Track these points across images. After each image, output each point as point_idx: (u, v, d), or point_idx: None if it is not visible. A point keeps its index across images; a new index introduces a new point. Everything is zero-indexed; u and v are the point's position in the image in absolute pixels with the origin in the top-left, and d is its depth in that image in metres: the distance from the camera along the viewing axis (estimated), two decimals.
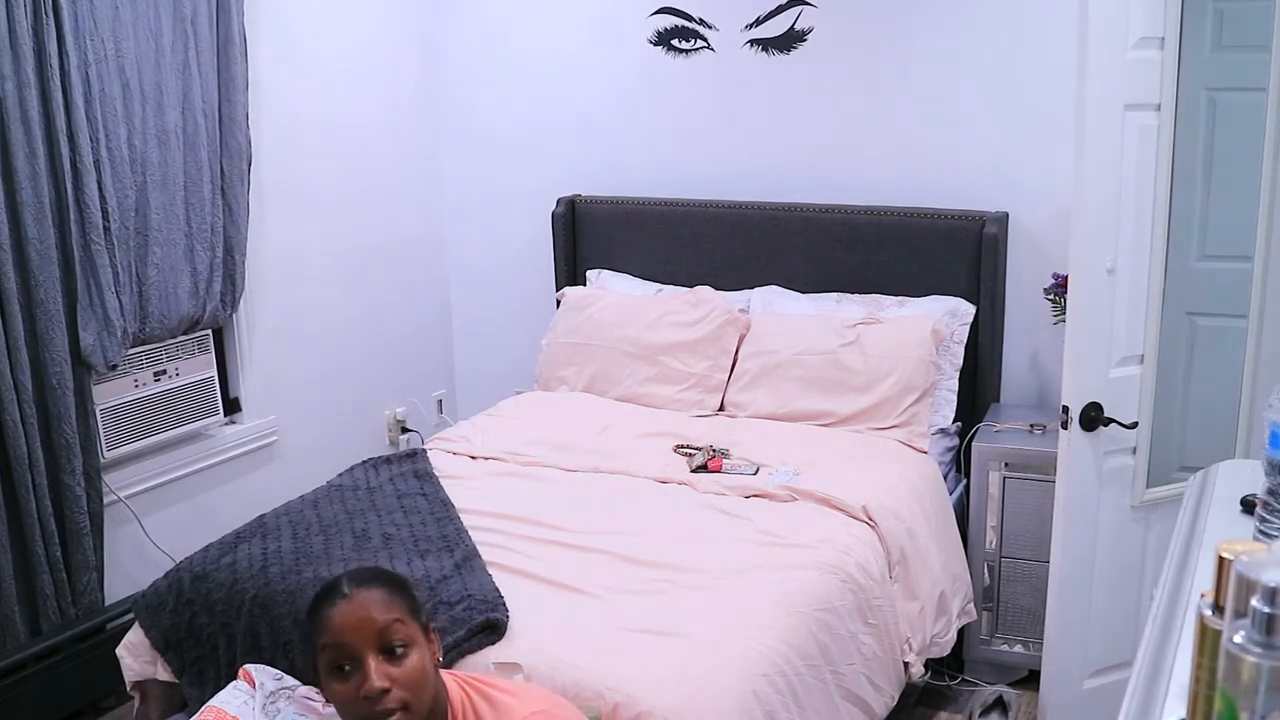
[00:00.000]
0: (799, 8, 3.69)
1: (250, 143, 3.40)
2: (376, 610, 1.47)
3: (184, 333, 3.33)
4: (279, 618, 2.41)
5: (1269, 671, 0.82)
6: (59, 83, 2.81)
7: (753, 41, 3.79)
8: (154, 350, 3.26)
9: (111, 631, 2.94)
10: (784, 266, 3.74)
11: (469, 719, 1.56)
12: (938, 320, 3.39)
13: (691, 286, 3.77)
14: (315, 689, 2.27)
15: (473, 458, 3.21)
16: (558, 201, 4.08)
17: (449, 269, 4.51)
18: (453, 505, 2.83)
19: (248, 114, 3.37)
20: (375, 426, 4.23)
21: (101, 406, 3.09)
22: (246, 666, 2.28)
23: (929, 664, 2.98)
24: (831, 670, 2.37)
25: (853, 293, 3.63)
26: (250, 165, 3.41)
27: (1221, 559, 0.98)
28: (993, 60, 3.47)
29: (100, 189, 2.94)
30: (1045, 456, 3.02)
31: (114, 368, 3.06)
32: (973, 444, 3.25)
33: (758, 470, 3.03)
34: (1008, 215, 3.50)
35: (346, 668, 1.46)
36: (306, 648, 1.48)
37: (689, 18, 3.87)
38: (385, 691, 1.44)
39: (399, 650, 1.47)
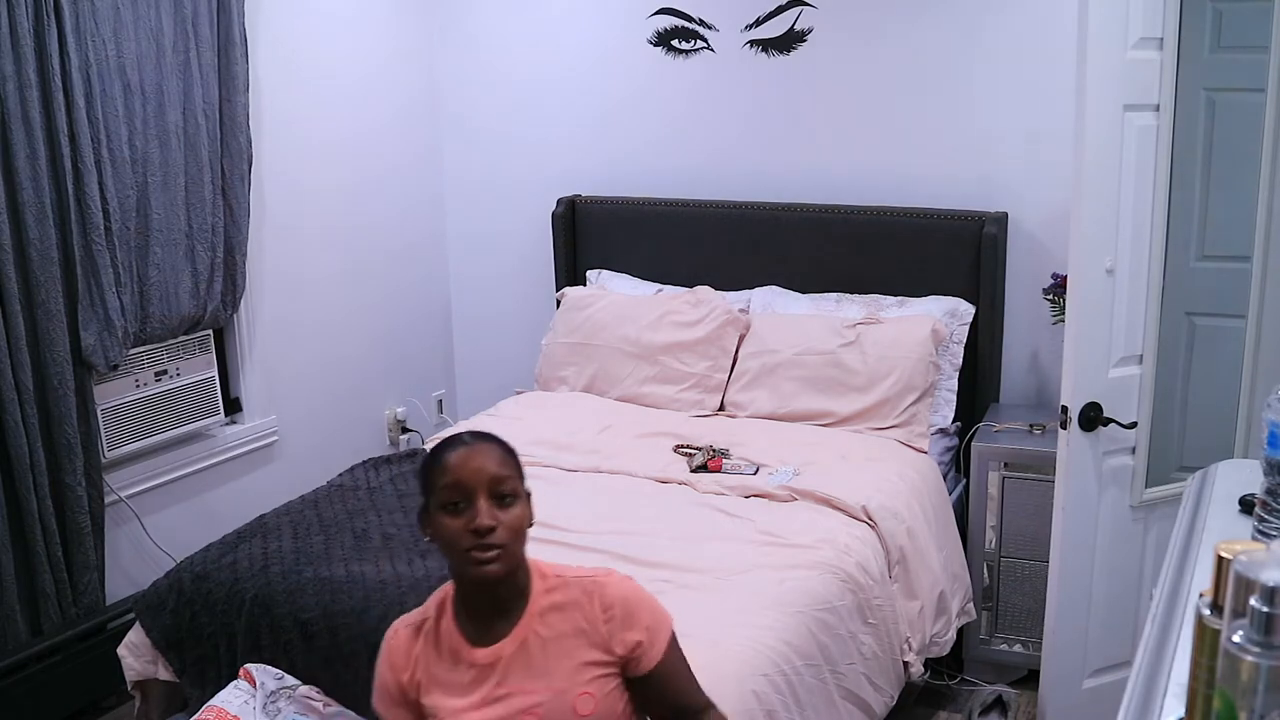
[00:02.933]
0: (799, 8, 3.70)
1: (251, 143, 3.40)
2: (492, 461, 1.62)
3: (185, 333, 3.33)
4: (280, 617, 2.41)
5: (1267, 671, 0.82)
6: (60, 83, 2.81)
7: (752, 42, 3.79)
8: (155, 350, 3.27)
9: (112, 631, 2.95)
10: (784, 266, 3.74)
11: (550, 581, 1.69)
12: (937, 320, 3.39)
13: (691, 286, 3.77)
14: (315, 689, 2.29)
15: None
16: (558, 201, 4.08)
17: (449, 269, 4.51)
18: None
19: (248, 114, 3.37)
20: (375, 426, 4.23)
21: (102, 406, 3.09)
22: (247, 666, 2.29)
23: (928, 663, 2.98)
24: (831, 670, 2.37)
25: (853, 293, 3.63)
26: (251, 165, 3.42)
27: (1220, 559, 0.99)
28: (992, 60, 3.47)
29: (101, 189, 2.94)
30: (1045, 456, 3.03)
31: (115, 368, 3.07)
32: (972, 444, 3.26)
33: (757, 470, 3.03)
34: (1007, 215, 3.50)
35: (460, 505, 1.60)
36: (424, 488, 1.66)
37: (689, 18, 3.87)
38: (491, 529, 1.58)
39: (507, 499, 1.62)
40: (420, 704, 1.68)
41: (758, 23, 3.77)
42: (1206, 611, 0.97)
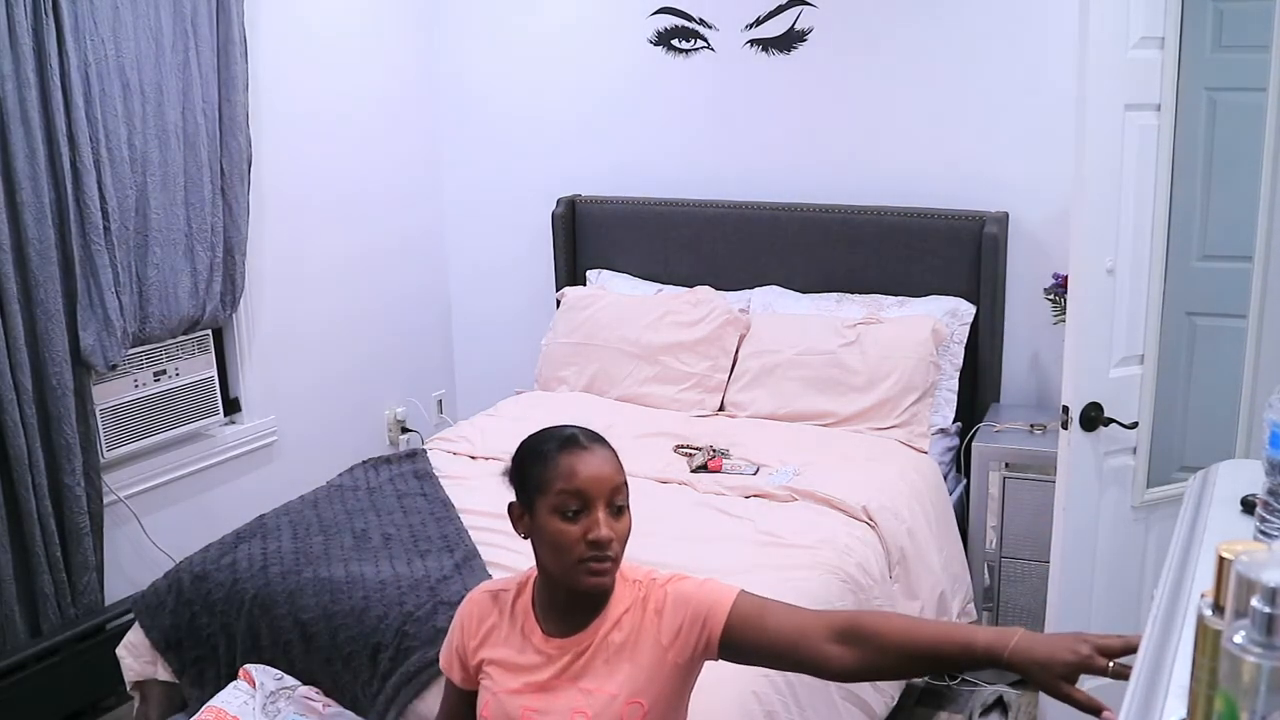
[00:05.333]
0: (799, 8, 3.69)
1: (250, 143, 3.40)
2: (612, 469, 1.60)
3: (184, 333, 3.33)
4: (279, 618, 2.41)
5: (1269, 672, 0.82)
6: (59, 83, 2.81)
7: (753, 41, 3.79)
8: (154, 350, 3.26)
9: (111, 631, 2.94)
10: (784, 266, 3.74)
11: (629, 585, 1.66)
12: (938, 320, 3.39)
13: (691, 286, 3.77)
14: (315, 689, 2.28)
15: (473, 458, 3.21)
16: (558, 201, 4.08)
17: (449, 269, 4.51)
18: (453, 505, 2.83)
19: (248, 114, 3.37)
20: (375, 426, 4.23)
21: (101, 406, 3.09)
22: (246, 666, 2.29)
23: None
24: None
25: (853, 293, 3.63)
26: (250, 165, 3.41)
27: (1222, 559, 0.98)
28: (993, 60, 3.47)
29: (100, 189, 2.94)
30: (1045, 456, 3.02)
31: (114, 368, 3.06)
32: (973, 444, 3.25)
33: (758, 470, 3.03)
34: (1008, 215, 3.50)
35: (577, 512, 1.56)
36: (528, 484, 1.61)
37: (689, 18, 3.87)
38: (611, 540, 1.56)
39: (620, 508, 1.60)
40: (476, 670, 1.69)
41: (758, 22, 3.76)
42: (1208, 612, 0.96)
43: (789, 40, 3.73)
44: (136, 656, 2.60)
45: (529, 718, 1.61)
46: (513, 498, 1.67)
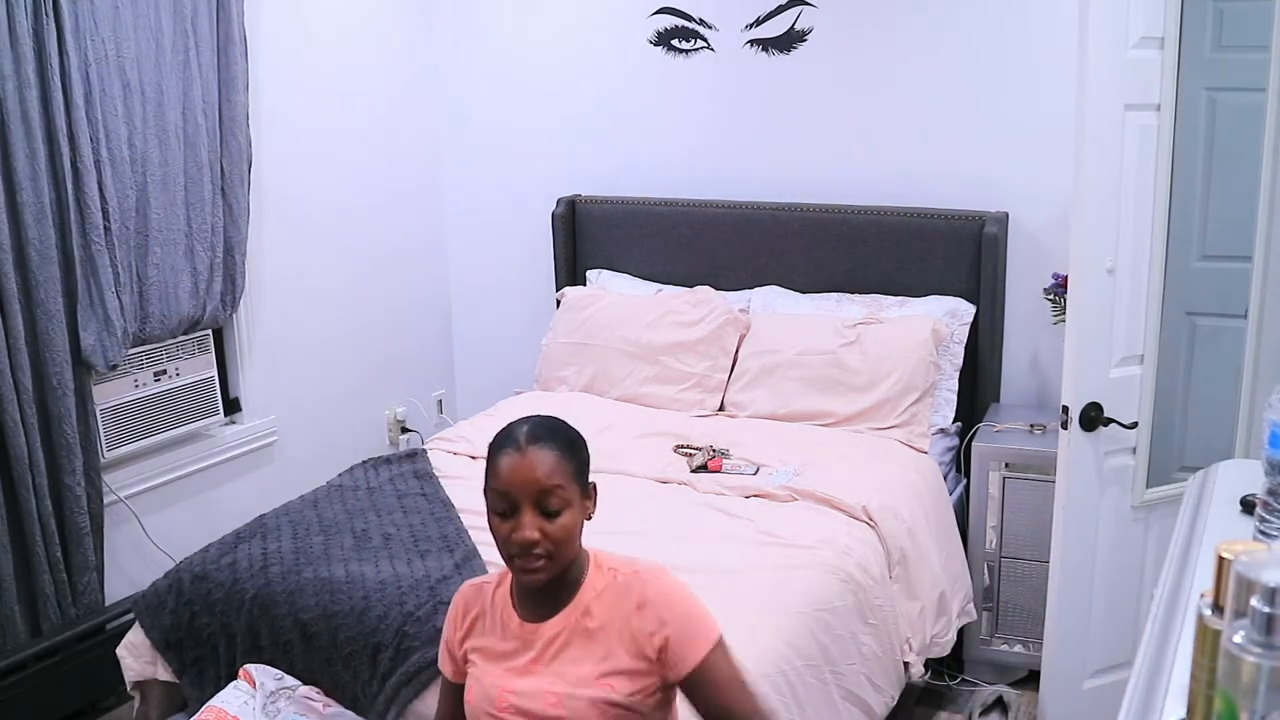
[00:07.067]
0: (799, 8, 3.69)
1: (250, 143, 3.40)
2: (543, 472, 1.62)
3: (184, 333, 3.33)
4: (279, 618, 2.41)
5: (1269, 671, 0.82)
6: (59, 82, 2.81)
7: (753, 41, 3.79)
8: (154, 350, 3.26)
9: (112, 631, 2.94)
10: (784, 266, 3.74)
11: (605, 574, 1.70)
12: (938, 320, 3.39)
13: (691, 286, 3.77)
14: (315, 689, 2.28)
15: (473, 458, 3.21)
16: (558, 201, 4.08)
17: (449, 269, 4.51)
18: (453, 505, 2.83)
19: (248, 114, 3.37)
20: (375, 426, 4.23)
21: (102, 406, 3.09)
22: (247, 666, 2.29)
23: (929, 664, 2.98)
24: (831, 670, 2.37)
25: (853, 293, 3.63)
26: (250, 165, 3.41)
27: (1221, 559, 0.98)
28: (993, 60, 3.47)
29: (100, 189, 2.94)
30: (1045, 456, 3.02)
31: (114, 368, 3.06)
32: (973, 444, 3.25)
33: (758, 470, 3.03)
34: (1008, 215, 3.50)
35: (506, 512, 1.62)
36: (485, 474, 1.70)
37: (689, 18, 3.87)
38: (535, 542, 1.60)
39: (554, 510, 1.62)
40: (463, 660, 1.77)
41: (758, 22, 3.76)
42: (1207, 612, 0.97)
43: (789, 40, 3.73)
44: (136, 656, 2.59)
45: (505, 699, 1.68)
46: None
